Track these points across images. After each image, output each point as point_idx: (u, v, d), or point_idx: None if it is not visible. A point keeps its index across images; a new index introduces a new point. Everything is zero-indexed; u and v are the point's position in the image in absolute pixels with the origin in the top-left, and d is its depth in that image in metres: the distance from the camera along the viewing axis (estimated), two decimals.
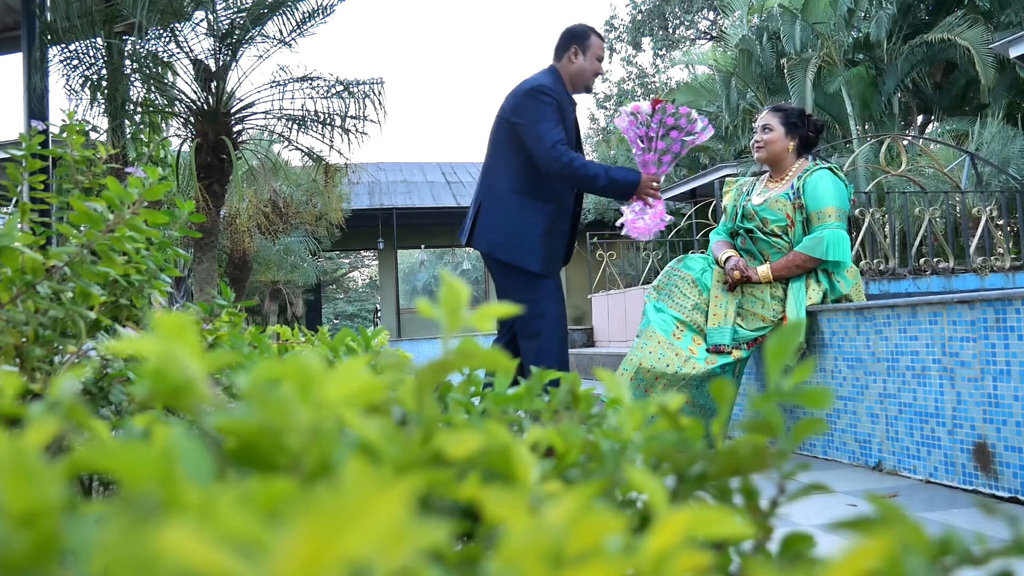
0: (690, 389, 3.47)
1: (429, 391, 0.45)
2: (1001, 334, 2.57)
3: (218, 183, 6.94)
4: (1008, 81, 13.12)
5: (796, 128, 3.76)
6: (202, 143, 7.03)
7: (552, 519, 0.32)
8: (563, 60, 3.75)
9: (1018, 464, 2.52)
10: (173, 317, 0.38)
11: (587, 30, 3.79)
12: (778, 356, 0.50)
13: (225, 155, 6.77)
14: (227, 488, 0.28)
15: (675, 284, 3.70)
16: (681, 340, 3.54)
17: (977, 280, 6.13)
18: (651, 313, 3.66)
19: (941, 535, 0.40)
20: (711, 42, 24.94)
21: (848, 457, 3.32)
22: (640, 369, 3.49)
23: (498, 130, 3.72)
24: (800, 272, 3.57)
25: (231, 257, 13.61)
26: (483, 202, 3.69)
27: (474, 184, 21.25)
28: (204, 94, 7.05)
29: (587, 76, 3.76)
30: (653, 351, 3.51)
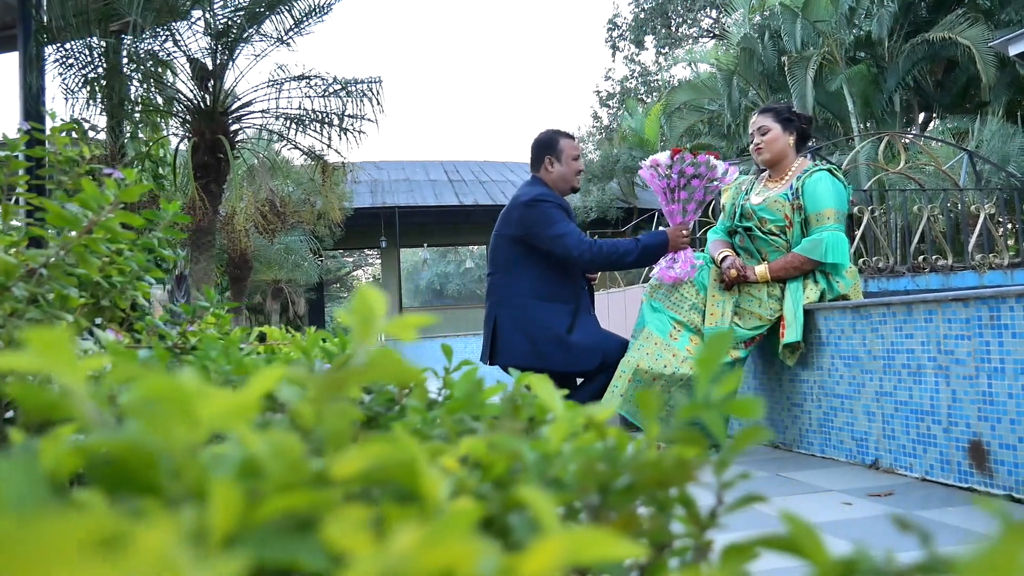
0: (688, 389, 3.47)
1: (327, 403, 0.42)
2: (995, 332, 2.57)
3: (215, 182, 6.91)
4: (1008, 79, 13.11)
5: (790, 123, 3.78)
6: (199, 142, 7.01)
7: (399, 549, 0.29)
8: (541, 171, 3.89)
9: (1012, 462, 2.52)
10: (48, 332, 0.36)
11: (554, 137, 3.91)
12: (708, 365, 0.49)
13: (222, 154, 6.75)
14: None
15: (672, 283, 3.71)
16: (678, 341, 3.54)
17: (976, 278, 6.12)
18: (647, 313, 3.67)
19: (850, 554, 0.39)
20: (714, 40, 24.92)
21: (845, 455, 3.32)
22: (638, 370, 3.50)
23: (503, 247, 3.82)
24: (798, 274, 3.58)
25: (231, 256, 13.62)
26: (498, 317, 3.77)
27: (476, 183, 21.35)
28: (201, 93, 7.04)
29: (569, 179, 3.88)
30: (650, 352, 3.52)
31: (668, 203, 3.70)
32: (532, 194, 3.78)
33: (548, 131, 3.97)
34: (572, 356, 3.67)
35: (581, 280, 3.88)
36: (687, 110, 18.44)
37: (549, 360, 3.66)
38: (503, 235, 3.84)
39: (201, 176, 6.96)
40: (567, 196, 3.94)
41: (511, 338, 3.73)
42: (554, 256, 3.72)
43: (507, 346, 3.74)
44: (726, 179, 3.67)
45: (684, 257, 3.69)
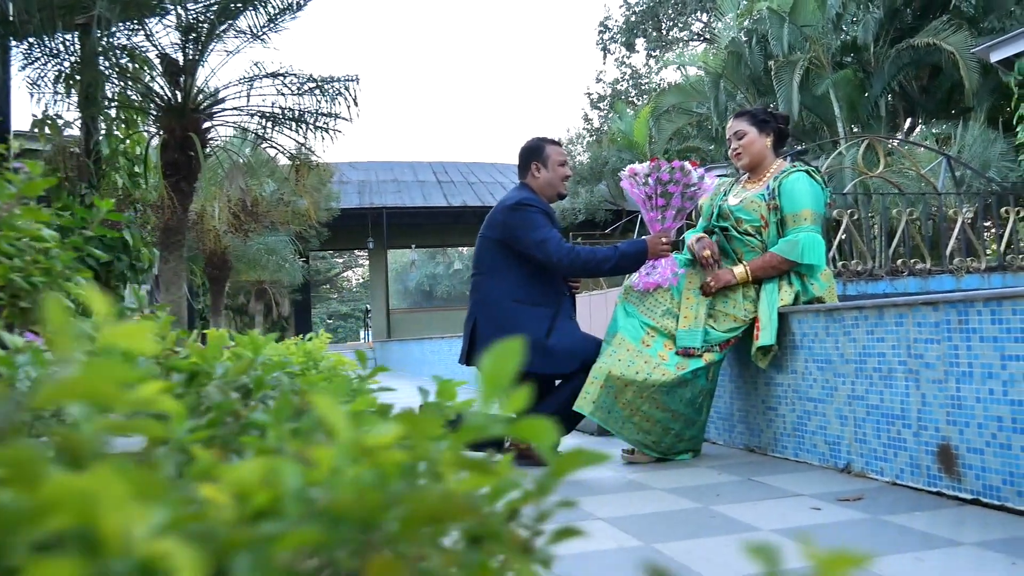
0: (661, 395, 3.46)
1: None
2: (964, 336, 2.57)
3: (186, 180, 6.83)
4: (992, 85, 13.18)
5: (766, 124, 3.78)
6: (169, 139, 6.92)
7: None
8: (528, 177, 3.92)
9: (980, 466, 2.52)
10: None
11: (540, 143, 3.94)
12: (494, 381, 0.45)
13: (193, 152, 6.68)
14: None
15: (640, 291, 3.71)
16: (651, 348, 3.53)
17: (953, 281, 6.15)
18: (620, 318, 3.67)
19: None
20: (704, 44, 24.99)
21: (818, 459, 3.31)
22: (610, 376, 3.49)
23: (487, 249, 3.84)
24: (775, 273, 3.58)
25: (209, 257, 13.53)
26: (478, 318, 3.79)
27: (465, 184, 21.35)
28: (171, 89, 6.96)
29: (555, 184, 3.91)
30: (622, 358, 3.51)
31: (648, 211, 3.72)
32: (517, 198, 3.80)
33: (535, 138, 4.01)
34: (550, 360, 3.67)
35: (562, 286, 3.89)
36: (675, 113, 18.49)
37: (527, 363, 3.65)
38: (487, 237, 3.86)
39: (171, 174, 6.87)
40: (554, 202, 3.95)
41: (489, 340, 3.71)
42: (535, 260, 3.72)
43: (485, 348, 3.72)
44: (704, 185, 3.67)
45: (665, 264, 3.70)
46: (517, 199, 3.79)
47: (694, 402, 3.55)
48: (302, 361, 1.84)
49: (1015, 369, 2.37)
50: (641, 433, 3.50)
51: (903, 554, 2.05)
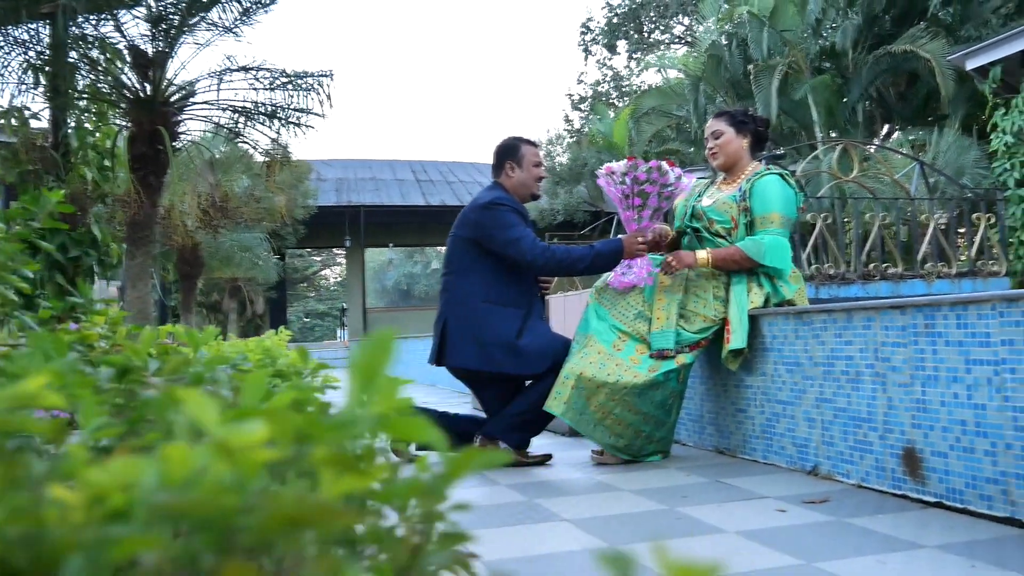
0: (633, 397, 3.46)
1: None
2: (930, 340, 2.58)
3: (154, 175, 6.70)
4: (967, 93, 13.30)
5: (744, 125, 3.79)
6: (137, 132, 6.79)
7: None
8: (502, 176, 3.90)
9: (944, 469, 2.53)
10: None
11: (516, 143, 3.93)
12: (367, 374, 0.42)
13: (162, 146, 6.58)
14: None
15: (619, 290, 3.70)
16: (622, 351, 3.52)
17: (924, 286, 6.19)
18: (592, 319, 3.66)
19: None
20: (685, 47, 25.08)
21: (786, 461, 3.32)
22: (581, 378, 3.48)
23: (458, 248, 3.82)
24: (736, 268, 3.58)
25: (181, 253, 13.36)
26: (448, 319, 3.75)
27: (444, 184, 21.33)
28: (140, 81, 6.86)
29: (529, 185, 3.90)
30: (593, 361, 3.50)
31: (624, 210, 3.72)
32: (489, 198, 3.78)
33: (511, 137, 3.98)
34: (521, 361, 3.65)
35: (534, 286, 3.87)
36: (655, 115, 18.54)
37: (498, 364, 3.64)
38: (459, 236, 3.83)
39: (139, 168, 6.76)
40: (527, 203, 3.93)
41: (460, 340, 3.71)
42: (508, 260, 3.70)
43: (456, 348, 3.72)
44: (680, 185, 3.67)
45: (640, 264, 3.69)
46: (490, 198, 3.77)
47: (664, 404, 3.55)
48: (259, 358, 1.81)
49: (979, 373, 2.38)
50: (613, 436, 3.49)
51: (865, 556, 2.05)
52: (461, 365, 3.74)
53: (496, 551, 2.26)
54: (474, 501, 2.98)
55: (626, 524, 2.51)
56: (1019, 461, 2.26)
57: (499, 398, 3.80)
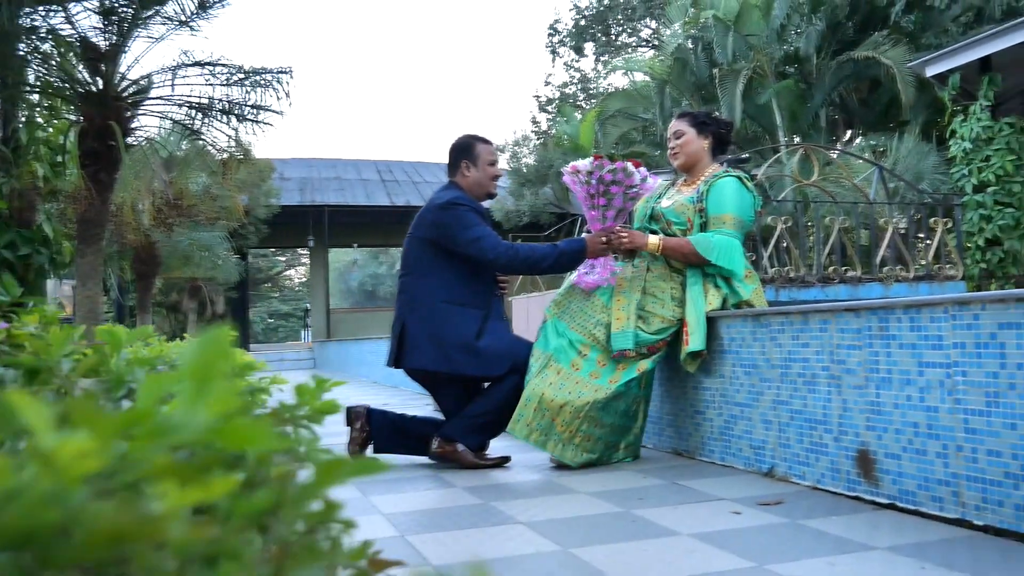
0: (597, 412, 3.45)
1: None
2: (884, 342, 2.59)
3: (105, 171, 6.54)
4: (927, 100, 13.50)
5: (706, 126, 3.80)
6: (87, 127, 6.63)
7: None
8: (458, 176, 3.87)
9: (897, 471, 2.54)
10: None
11: (471, 141, 3.90)
12: (201, 377, 0.38)
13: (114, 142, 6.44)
14: None
15: (576, 300, 3.68)
16: (581, 369, 3.49)
17: (882, 289, 6.26)
18: (551, 337, 3.60)
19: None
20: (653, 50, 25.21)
21: (743, 463, 3.32)
22: (543, 399, 3.46)
23: (416, 249, 3.78)
24: (683, 260, 3.58)
25: (137, 252, 13.12)
26: (407, 320, 3.71)
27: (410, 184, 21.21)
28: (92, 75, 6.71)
29: (485, 184, 3.87)
30: (553, 382, 3.48)
31: (589, 209, 3.70)
32: (447, 197, 3.75)
33: (466, 136, 3.95)
34: (481, 362, 3.62)
35: (493, 286, 3.85)
36: (621, 118, 18.59)
37: (457, 365, 3.61)
38: (416, 237, 3.79)
39: (89, 164, 6.60)
40: (483, 201, 3.90)
41: (419, 342, 3.67)
42: (469, 260, 3.67)
43: (414, 350, 3.68)
44: (645, 186, 3.67)
45: (603, 264, 3.68)
46: (448, 198, 3.74)
47: (629, 411, 3.56)
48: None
49: (931, 376, 2.40)
50: (584, 454, 3.48)
51: (816, 558, 2.05)
52: (419, 366, 3.70)
53: (447, 555, 2.23)
54: (430, 504, 2.96)
55: (580, 527, 2.50)
56: (970, 463, 2.27)
57: (457, 400, 3.77)
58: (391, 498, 3.06)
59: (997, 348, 2.19)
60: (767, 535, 2.30)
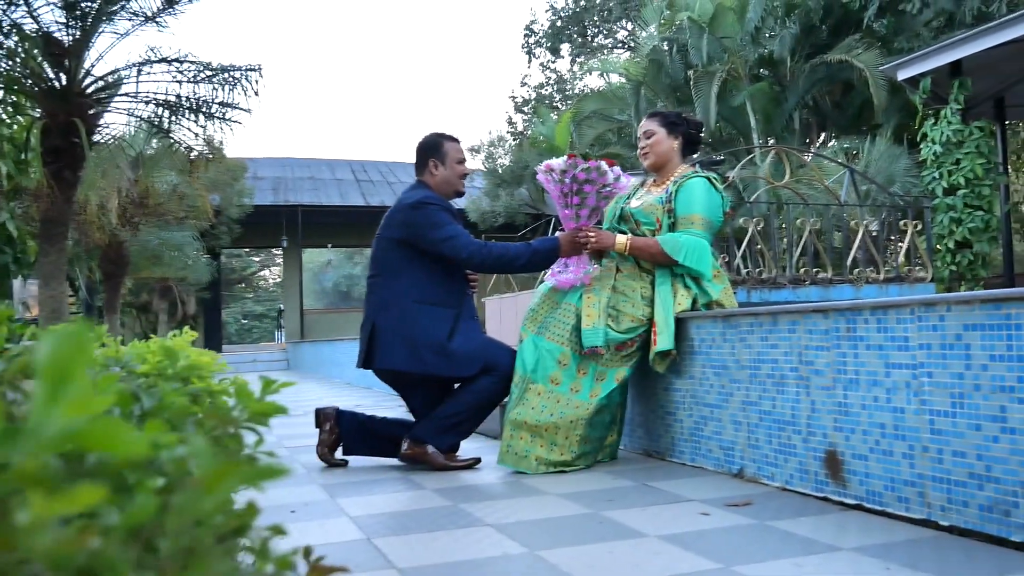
0: (583, 429, 3.45)
1: None
2: (851, 343, 2.59)
3: (69, 168, 6.42)
4: (899, 103, 13.62)
5: (676, 127, 3.80)
6: (51, 124, 6.51)
7: None
8: (426, 175, 3.84)
9: (864, 472, 2.54)
10: None
11: (438, 139, 3.87)
12: (57, 377, 0.35)
13: (78, 139, 6.33)
14: None
15: (548, 312, 3.66)
16: (561, 384, 3.47)
17: (853, 291, 6.30)
18: (528, 355, 3.55)
19: None
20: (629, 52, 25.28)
21: (713, 464, 3.32)
22: (526, 426, 3.44)
23: (386, 250, 3.74)
24: (651, 259, 3.58)
25: (105, 251, 12.93)
26: (377, 321, 3.67)
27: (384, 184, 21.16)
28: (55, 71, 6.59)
29: (453, 182, 3.84)
30: (535, 406, 3.45)
31: (563, 208, 3.69)
32: (417, 197, 3.72)
33: (432, 134, 3.92)
34: (452, 363, 3.60)
35: (464, 285, 3.82)
36: (597, 119, 18.63)
37: (429, 366, 3.58)
38: (386, 237, 3.76)
39: (52, 161, 6.48)
40: (451, 200, 3.88)
41: (390, 342, 3.64)
42: (441, 259, 3.64)
43: (385, 350, 3.65)
44: (619, 185, 3.66)
45: (577, 263, 3.67)
46: (418, 198, 3.71)
47: (613, 420, 3.59)
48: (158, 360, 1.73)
49: (898, 377, 2.40)
50: (583, 461, 3.49)
51: (782, 560, 2.04)
52: (390, 367, 3.67)
53: (413, 558, 2.20)
54: (397, 506, 2.93)
55: (548, 529, 2.48)
56: (935, 464, 2.28)
57: (428, 401, 3.75)
58: (359, 500, 3.03)
59: (962, 349, 2.20)
60: (735, 536, 2.30)
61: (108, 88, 6.90)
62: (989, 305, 2.13)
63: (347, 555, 2.27)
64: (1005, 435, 2.08)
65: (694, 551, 2.15)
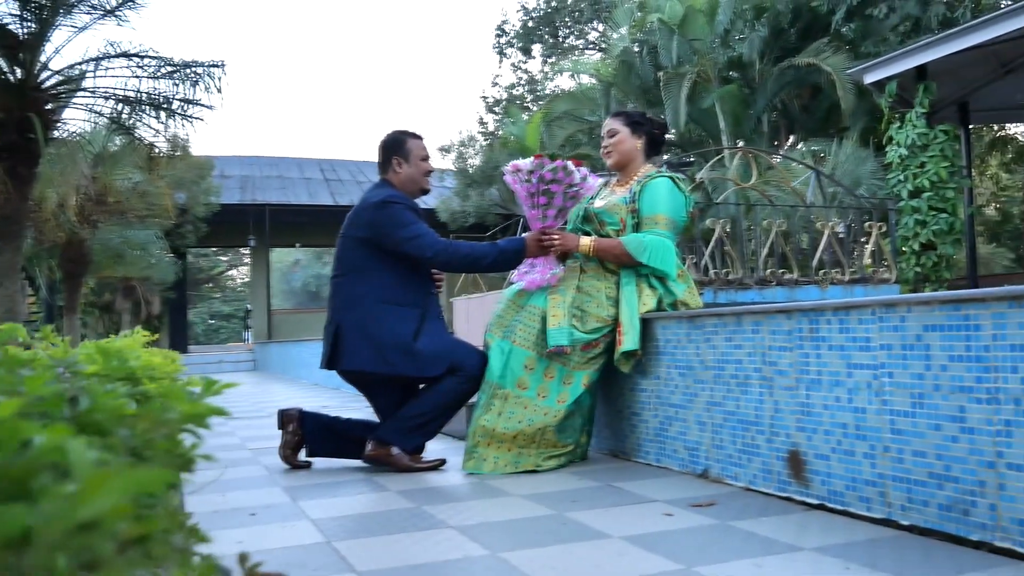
0: (554, 435, 3.45)
1: None
2: (814, 344, 2.60)
3: (24, 165, 6.30)
4: (867, 106, 13.76)
5: (640, 126, 3.80)
6: (6, 120, 6.36)
7: None
8: (389, 173, 3.80)
9: (826, 472, 2.55)
10: None
11: (401, 137, 3.83)
12: None
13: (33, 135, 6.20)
14: None
15: (514, 315, 3.65)
16: (528, 389, 3.46)
17: (818, 292, 6.34)
18: (495, 360, 3.54)
19: None
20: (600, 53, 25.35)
21: (678, 464, 3.32)
22: (495, 434, 3.42)
23: (350, 249, 3.70)
24: (615, 261, 3.58)
25: (64, 250, 12.68)
26: (341, 323, 3.64)
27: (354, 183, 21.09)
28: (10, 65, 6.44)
29: (418, 180, 3.81)
30: (502, 412, 3.43)
31: (529, 208, 3.67)
32: (382, 196, 3.68)
33: (395, 131, 3.88)
34: (418, 363, 3.57)
35: (430, 285, 3.79)
36: (567, 119, 18.65)
37: (394, 366, 3.55)
38: (350, 237, 3.71)
39: (7, 158, 6.34)
40: (416, 198, 3.84)
41: (355, 343, 3.60)
42: (406, 259, 3.61)
43: (350, 351, 3.61)
44: (586, 186, 3.65)
45: (544, 263, 3.65)
46: (382, 197, 3.67)
47: (585, 422, 3.59)
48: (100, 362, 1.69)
49: (859, 377, 2.41)
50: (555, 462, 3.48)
51: (744, 560, 2.04)
52: (356, 368, 3.63)
53: (373, 561, 2.18)
54: (360, 509, 2.90)
55: (511, 531, 2.46)
56: (896, 464, 2.29)
57: (392, 402, 3.71)
58: (321, 503, 3.00)
59: (922, 350, 2.20)
60: (697, 537, 2.29)
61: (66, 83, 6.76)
62: (948, 306, 2.14)
63: (305, 558, 2.23)
64: (964, 435, 2.09)
65: (656, 552, 2.14)
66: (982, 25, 8.58)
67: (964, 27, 8.90)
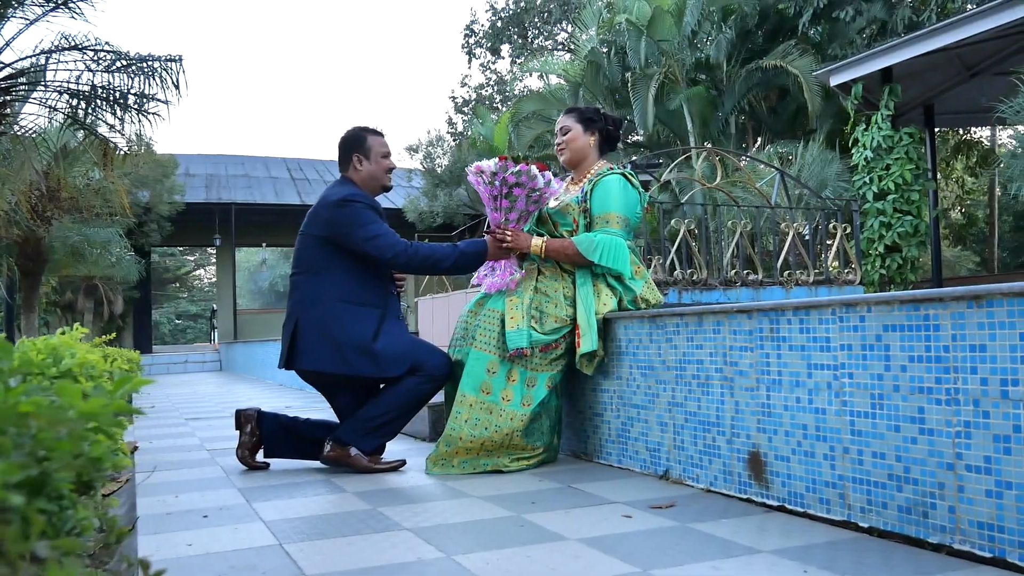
0: (521, 439, 3.41)
1: None
2: (774, 344, 2.58)
3: None
4: (833, 109, 13.86)
5: (593, 123, 3.77)
6: None
7: None
8: (350, 171, 3.74)
9: (786, 473, 2.53)
10: None
11: (361, 134, 3.77)
12: None
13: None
14: None
15: (474, 320, 3.61)
16: (492, 393, 3.41)
17: (783, 293, 6.36)
18: (457, 369, 3.55)
19: None
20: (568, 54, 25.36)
21: (639, 466, 3.29)
22: (462, 440, 3.38)
23: (310, 248, 3.64)
24: (567, 260, 3.55)
25: (22, 247, 12.41)
26: (300, 320, 3.57)
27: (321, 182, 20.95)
28: None
29: (379, 177, 3.75)
30: (468, 419, 3.39)
31: (492, 211, 3.63)
32: (342, 194, 3.61)
33: (355, 128, 3.81)
34: (378, 363, 3.51)
35: (390, 285, 3.74)
36: (535, 120, 18.61)
37: (354, 366, 3.49)
38: (310, 235, 3.65)
39: None
40: (378, 195, 3.78)
41: (314, 343, 3.53)
42: (367, 258, 3.55)
43: (309, 351, 3.54)
44: (549, 190, 3.61)
45: (504, 266, 3.62)
46: (342, 195, 3.61)
47: (552, 425, 3.56)
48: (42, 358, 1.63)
49: (819, 378, 2.39)
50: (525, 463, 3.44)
51: (702, 563, 2.01)
52: (315, 368, 3.57)
53: (324, 564, 2.12)
54: (315, 510, 2.83)
55: (467, 533, 2.41)
56: (856, 465, 2.27)
57: (352, 402, 3.65)
58: (276, 504, 2.93)
59: (882, 350, 2.19)
60: (655, 539, 2.26)
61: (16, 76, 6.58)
62: (908, 306, 2.12)
63: (255, 561, 2.17)
64: (923, 436, 2.07)
65: (613, 554, 2.11)
66: (947, 28, 8.67)
67: (929, 30, 8.99)
